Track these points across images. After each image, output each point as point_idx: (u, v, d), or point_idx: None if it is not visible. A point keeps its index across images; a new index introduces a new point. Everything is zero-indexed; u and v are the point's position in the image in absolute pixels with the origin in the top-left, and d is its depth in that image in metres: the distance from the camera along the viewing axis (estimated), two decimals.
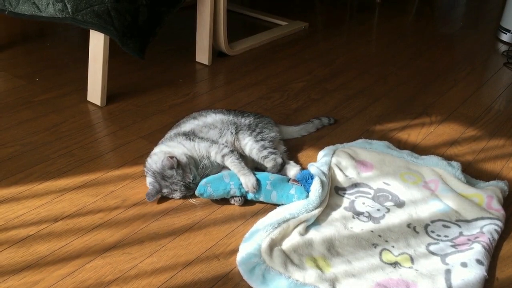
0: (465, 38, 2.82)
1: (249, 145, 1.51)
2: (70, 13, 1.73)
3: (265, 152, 1.49)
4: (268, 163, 1.48)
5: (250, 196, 1.38)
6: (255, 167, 1.51)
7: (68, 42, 2.55)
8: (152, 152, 1.46)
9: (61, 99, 1.92)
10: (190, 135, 1.48)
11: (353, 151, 1.59)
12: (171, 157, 1.37)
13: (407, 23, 3.08)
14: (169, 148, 1.44)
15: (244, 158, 1.47)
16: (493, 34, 2.80)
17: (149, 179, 1.40)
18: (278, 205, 1.37)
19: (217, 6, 2.21)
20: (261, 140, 1.52)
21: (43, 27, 2.64)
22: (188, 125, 1.55)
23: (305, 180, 1.39)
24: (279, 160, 1.48)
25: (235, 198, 1.39)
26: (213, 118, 1.58)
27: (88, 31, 1.81)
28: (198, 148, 1.43)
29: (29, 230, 1.27)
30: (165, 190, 1.38)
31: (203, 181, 1.38)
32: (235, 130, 1.54)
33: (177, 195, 1.39)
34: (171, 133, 1.54)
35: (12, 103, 1.88)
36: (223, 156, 1.41)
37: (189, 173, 1.38)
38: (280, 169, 1.48)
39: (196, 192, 1.38)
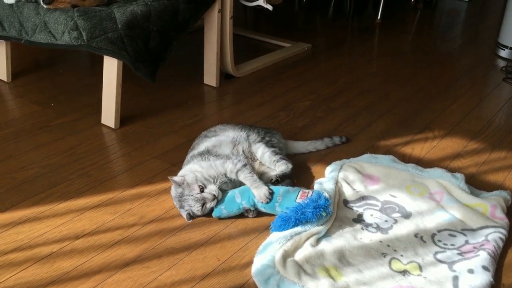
0: (464, 55, 2.89)
1: (261, 149, 1.59)
2: (85, 41, 1.81)
3: (277, 157, 1.57)
4: (280, 167, 1.55)
5: (261, 206, 1.43)
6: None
7: (79, 69, 2.63)
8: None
9: (76, 122, 1.99)
10: (204, 154, 1.54)
11: (359, 165, 1.65)
12: (173, 178, 1.44)
13: (407, 42, 3.17)
14: (185, 171, 1.50)
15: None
16: (491, 51, 2.88)
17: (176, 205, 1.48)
18: None
19: (223, 30, 2.30)
20: (272, 146, 1.61)
21: (54, 55, 2.73)
22: (202, 146, 1.61)
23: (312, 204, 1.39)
24: (290, 165, 1.56)
25: (248, 211, 1.45)
26: (223, 133, 1.65)
27: (97, 58, 1.89)
28: (214, 166, 1.48)
29: (52, 248, 1.33)
30: (186, 209, 1.43)
31: (219, 205, 1.44)
32: (247, 136, 1.62)
33: (196, 208, 1.43)
34: (188, 156, 1.60)
35: (30, 127, 1.95)
36: (237, 172, 1.47)
37: (197, 186, 1.43)
38: (289, 175, 1.55)
39: (213, 215, 1.44)
